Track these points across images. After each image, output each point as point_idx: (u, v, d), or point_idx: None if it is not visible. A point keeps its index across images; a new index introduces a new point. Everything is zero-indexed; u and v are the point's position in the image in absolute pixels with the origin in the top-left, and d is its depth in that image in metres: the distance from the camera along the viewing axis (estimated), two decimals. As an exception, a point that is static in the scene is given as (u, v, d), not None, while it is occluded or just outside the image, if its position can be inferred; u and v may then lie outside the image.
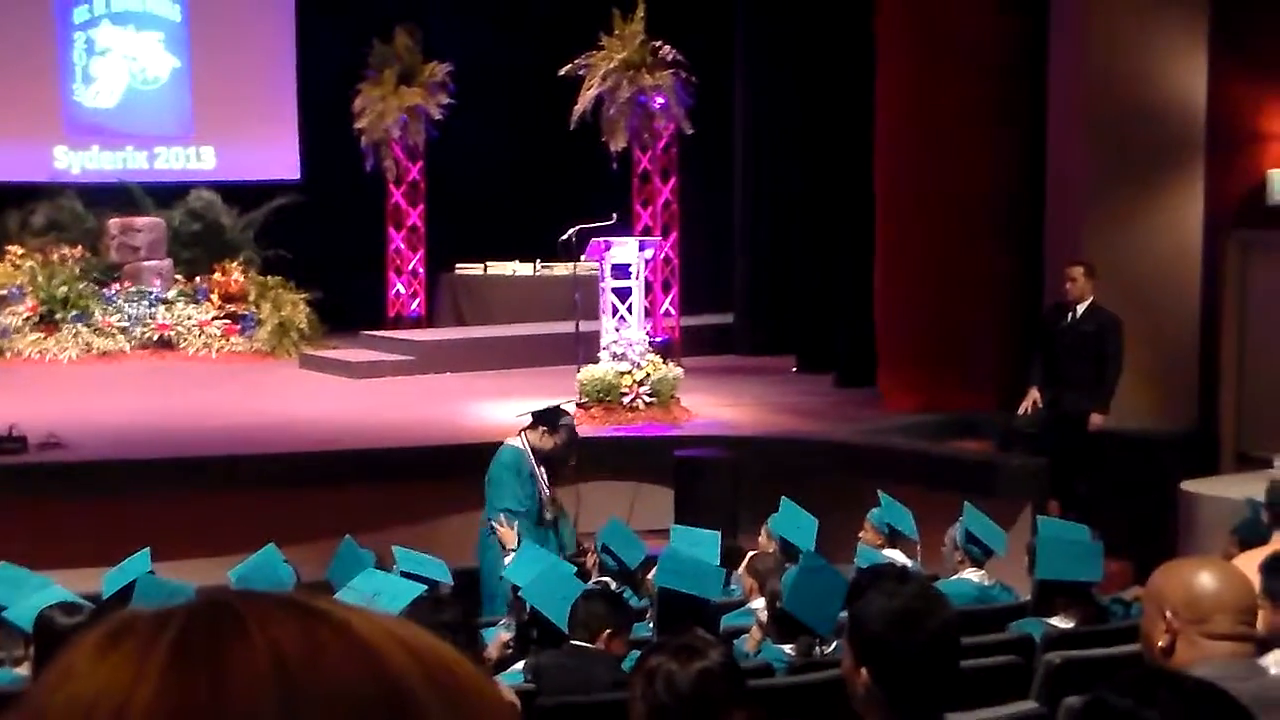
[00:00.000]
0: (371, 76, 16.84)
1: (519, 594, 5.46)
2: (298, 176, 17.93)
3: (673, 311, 15.69)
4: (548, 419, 9.24)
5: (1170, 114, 11.29)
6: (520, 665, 5.31)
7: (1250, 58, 10.84)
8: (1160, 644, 3.04)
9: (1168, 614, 3.03)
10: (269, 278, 16.66)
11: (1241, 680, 2.84)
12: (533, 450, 9.03)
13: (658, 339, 13.53)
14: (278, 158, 18.02)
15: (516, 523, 8.51)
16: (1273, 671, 3.17)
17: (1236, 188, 11.09)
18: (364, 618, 0.70)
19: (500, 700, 0.72)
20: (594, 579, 7.09)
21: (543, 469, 9.07)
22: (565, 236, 12.88)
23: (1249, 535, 6.20)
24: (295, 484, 10.36)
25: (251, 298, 16.37)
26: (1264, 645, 3.58)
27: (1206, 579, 3.06)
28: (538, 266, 17.33)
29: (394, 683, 0.67)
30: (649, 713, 3.00)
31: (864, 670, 2.82)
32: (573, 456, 9.44)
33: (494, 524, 8.54)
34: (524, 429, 9.21)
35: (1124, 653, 5.04)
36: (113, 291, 16.04)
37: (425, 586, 5.62)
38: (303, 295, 16.37)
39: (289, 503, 10.05)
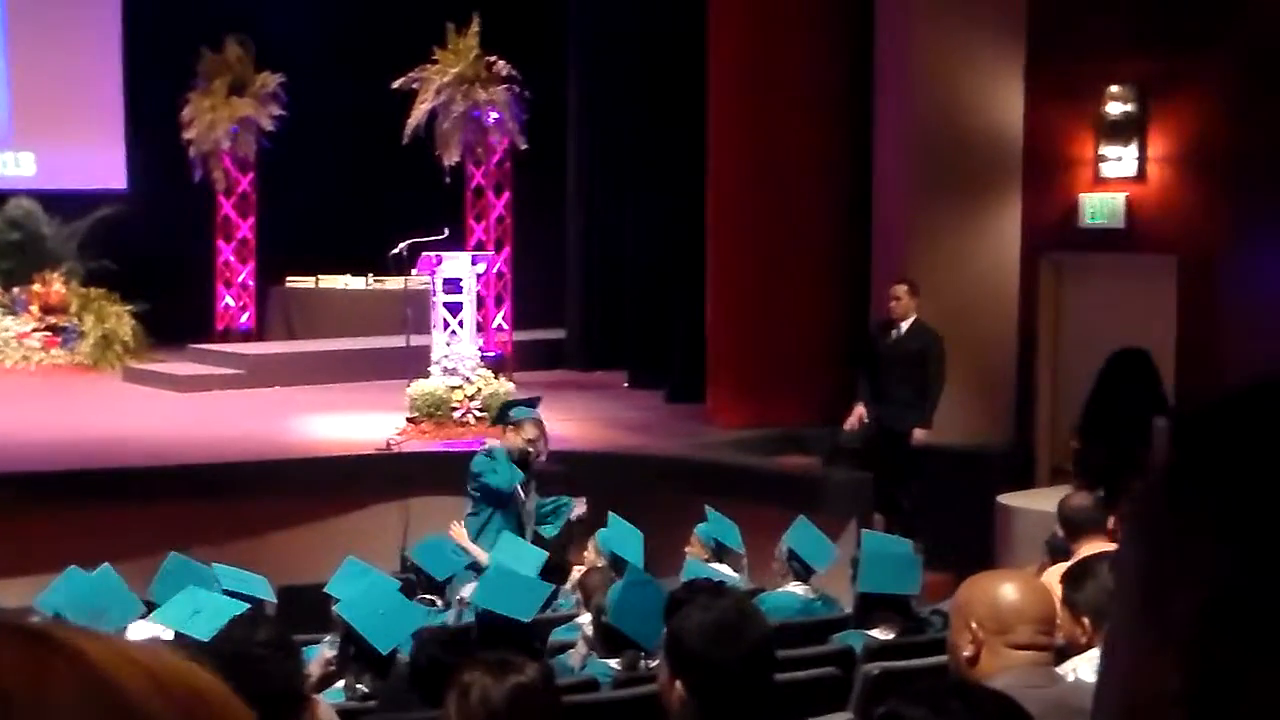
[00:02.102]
0: (201, 86, 16.57)
1: (337, 610, 5.42)
2: (124, 186, 17.53)
3: (505, 326, 15.69)
4: (500, 417, 9.42)
5: (989, 141, 11.64)
6: (342, 684, 5.27)
7: (1063, 87, 11.22)
8: (966, 654, 3.14)
9: (973, 625, 3.14)
10: (92, 289, 16.25)
11: (1041, 688, 2.95)
12: (510, 452, 9.21)
13: (489, 354, 13.52)
14: (103, 166, 17.59)
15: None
16: (1070, 679, 3.30)
17: (1051, 211, 11.46)
18: (103, 645, 0.67)
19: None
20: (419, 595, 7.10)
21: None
22: (397, 250, 12.81)
23: (1059, 547, 6.40)
24: (116, 500, 10.14)
25: (73, 309, 15.96)
26: (1062, 654, 3.72)
27: (1009, 591, 3.18)
28: (370, 280, 17.19)
29: (129, 711, 0.65)
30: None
31: (679, 683, 2.87)
32: (540, 445, 9.50)
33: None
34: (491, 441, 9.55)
35: (941, 663, 5.17)
36: (-74, 302, 15.55)
37: (247, 605, 5.55)
38: (127, 307, 16.00)
39: (109, 519, 9.82)
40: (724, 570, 7.51)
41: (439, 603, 7.20)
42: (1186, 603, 0.71)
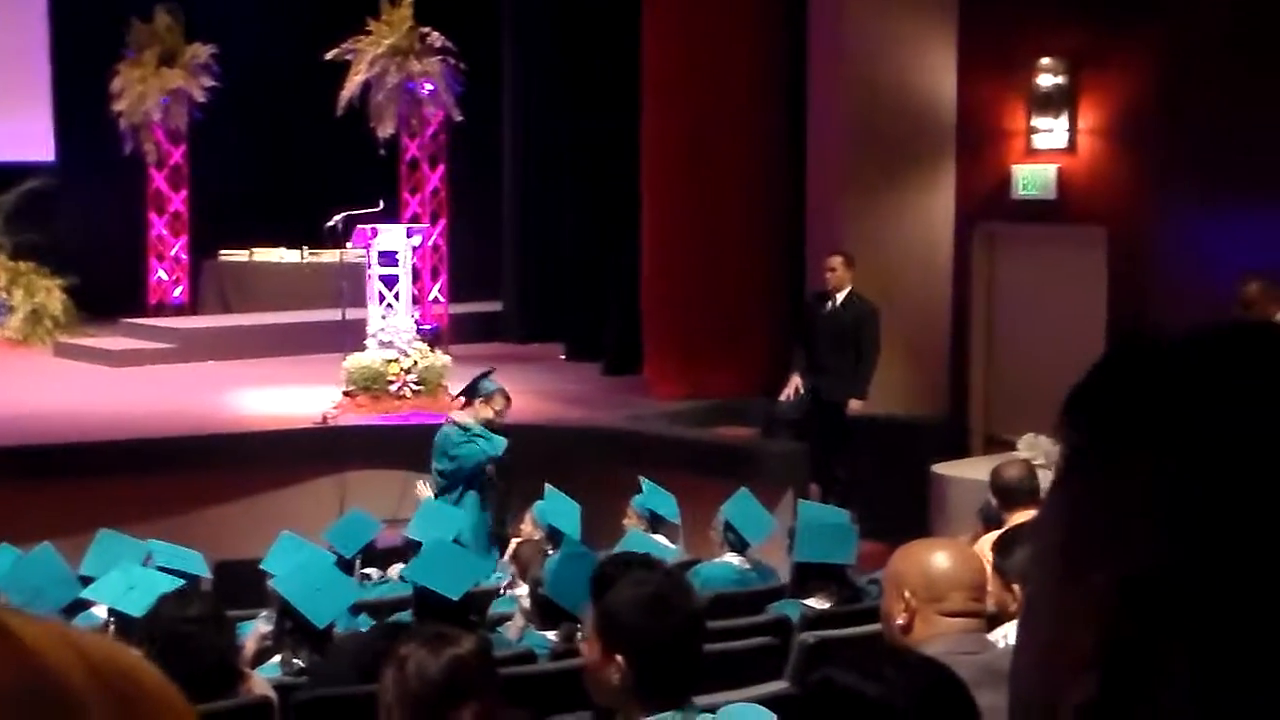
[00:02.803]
0: (130, 56, 16.34)
1: (272, 585, 5.40)
2: (52, 158, 17.30)
3: (441, 299, 15.63)
4: (470, 391, 9.48)
5: (923, 113, 11.70)
6: (278, 659, 5.26)
7: (995, 60, 11.29)
8: (899, 622, 3.17)
9: (906, 594, 3.17)
10: (20, 263, 16.01)
11: (972, 654, 2.99)
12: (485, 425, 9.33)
13: (426, 326, 13.47)
14: (29, 137, 17.31)
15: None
16: (1000, 645, 3.34)
17: (984, 182, 11.55)
18: (37, 627, 0.67)
19: (183, 707, 0.72)
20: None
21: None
22: (332, 223, 12.73)
23: (991, 515, 6.46)
24: (47, 476, 10.04)
25: (2, 284, 15.74)
26: (993, 620, 3.77)
27: (942, 559, 3.21)
28: (305, 253, 17.06)
29: (53, 681, 0.65)
30: (398, 700, 3.02)
31: (617, 658, 2.88)
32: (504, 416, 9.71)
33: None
34: (460, 409, 9.48)
35: (877, 631, 5.21)
36: None
37: (182, 581, 5.52)
38: (58, 282, 15.77)
39: (41, 496, 9.72)
40: (661, 541, 7.55)
41: (374, 574, 7.19)
42: (1106, 574, 0.72)
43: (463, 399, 9.65)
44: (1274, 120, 9.65)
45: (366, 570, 7.14)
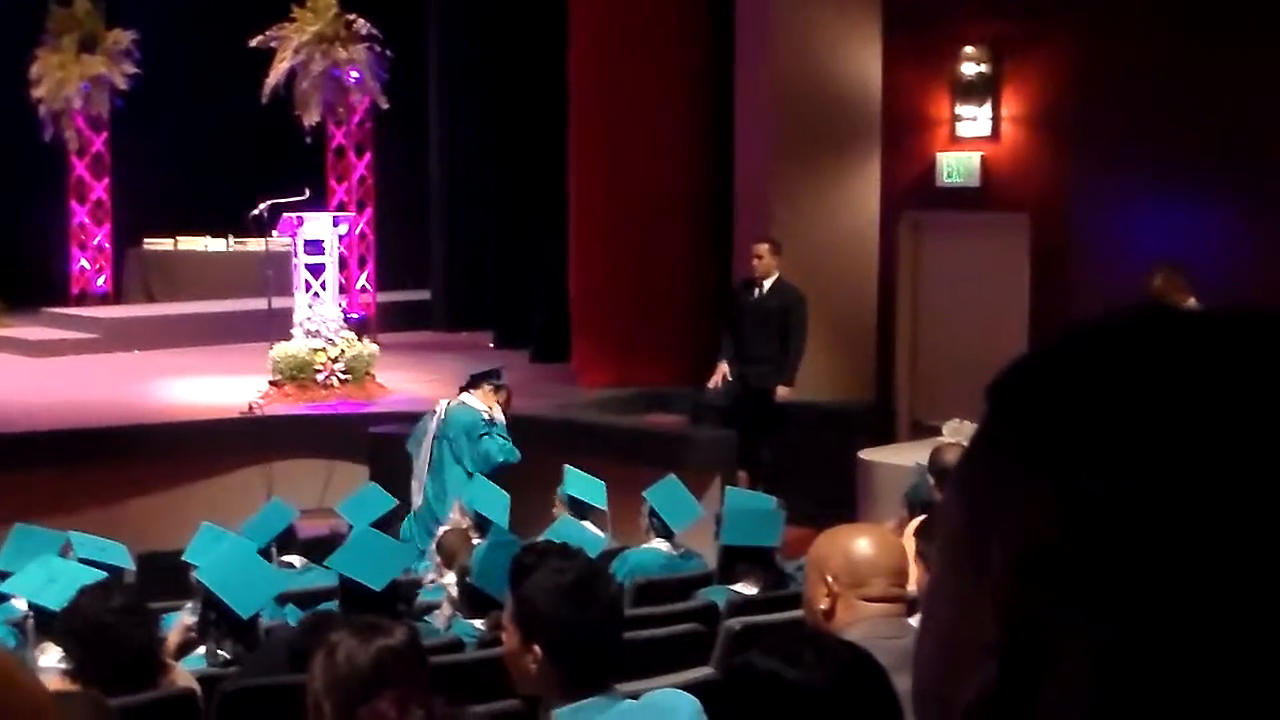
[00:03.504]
0: (49, 42, 16.10)
1: (196, 576, 5.36)
2: (-32, 146, 17.03)
3: (369, 287, 15.55)
4: (483, 376, 9.65)
5: (849, 100, 11.76)
6: (202, 650, 5.22)
7: (919, 49, 11.38)
8: (822, 607, 3.20)
9: (828, 579, 3.19)
10: (-62, 253, 15.81)
11: (893, 638, 3.01)
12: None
13: (353, 315, 13.42)
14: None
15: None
16: (922, 630, 3.37)
17: (909, 170, 11.63)
18: None
19: (37, 692, 0.72)
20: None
21: None
22: (257, 211, 12.62)
23: (916, 500, 6.52)
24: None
25: (-80, 275, 15.51)
26: (914, 606, 3.80)
27: (864, 545, 3.24)
28: (230, 242, 16.92)
29: None
30: (327, 688, 3.01)
31: (536, 648, 2.89)
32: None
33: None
34: (468, 392, 9.53)
35: (802, 617, 5.24)
36: None
37: (104, 573, 5.46)
38: (-24, 271, 15.58)
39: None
40: (590, 529, 7.56)
41: (297, 563, 7.15)
42: (1002, 552, 0.73)
43: (471, 384, 9.65)
44: (1188, 109, 9.78)
45: (288, 559, 7.09)
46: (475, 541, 6.77)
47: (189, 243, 17.25)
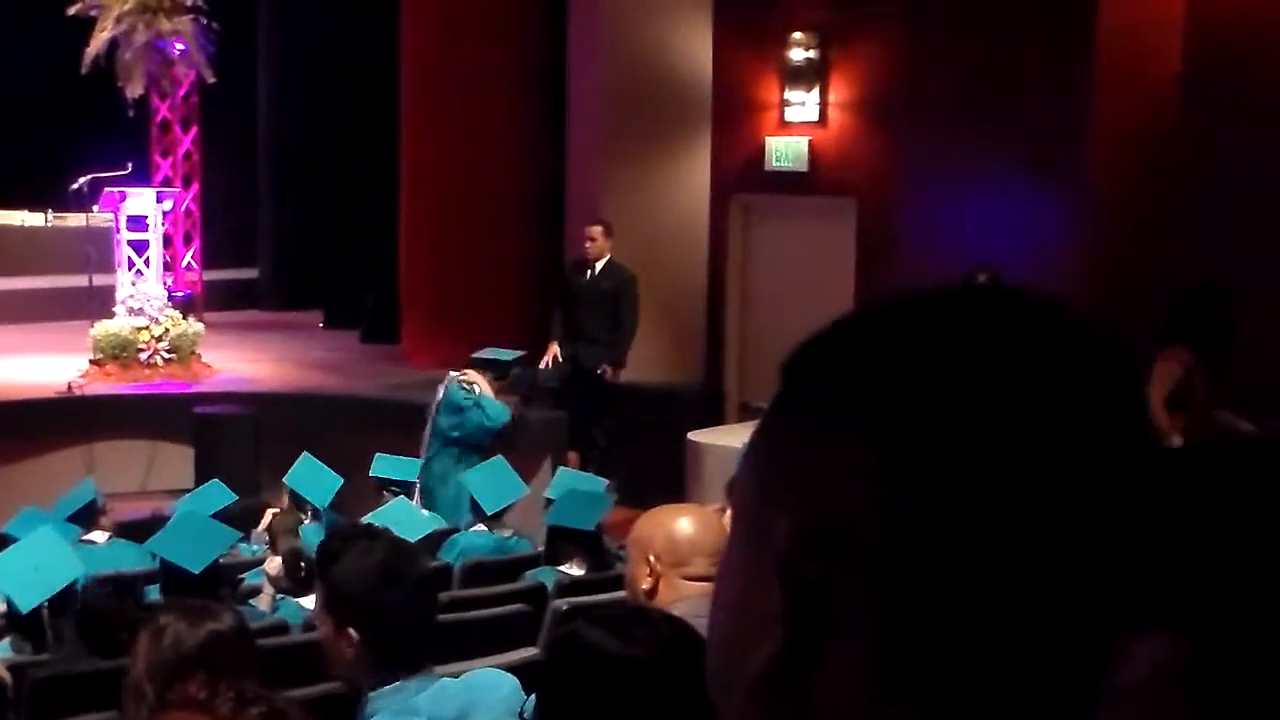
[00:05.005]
0: None
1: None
2: None
3: (194, 265, 15.23)
4: (490, 364, 9.56)
5: (681, 84, 11.84)
6: (8, 640, 5.09)
7: (749, 33, 11.49)
8: (644, 587, 3.23)
9: (651, 558, 3.23)
10: None
11: (713, 617, 3.07)
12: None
13: (178, 293, 13.14)
14: None
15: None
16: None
17: (739, 154, 11.75)
18: None
19: None
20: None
21: None
22: (77, 185, 12.30)
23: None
24: None
25: None
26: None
27: (686, 525, 3.28)
28: (49, 216, 16.43)
29: None
30: (150, 670, 2.97)
31: (350, 631, 2.89)
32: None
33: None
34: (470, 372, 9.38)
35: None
36: None
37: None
38: None
39: None
40: (421, 511, 7.54)
41: (99, 539, 7.01)
42: (787, 524, 0.76)
43: (471, 365, 9.52)
44: (1015, 97, 10.02)
45: (90, 537, 6.94)
46: (303, 522, 6.71)
47: (5, 217, 16.73)
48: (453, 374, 9.42)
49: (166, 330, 11.64)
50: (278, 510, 7.46)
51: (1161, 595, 0.81)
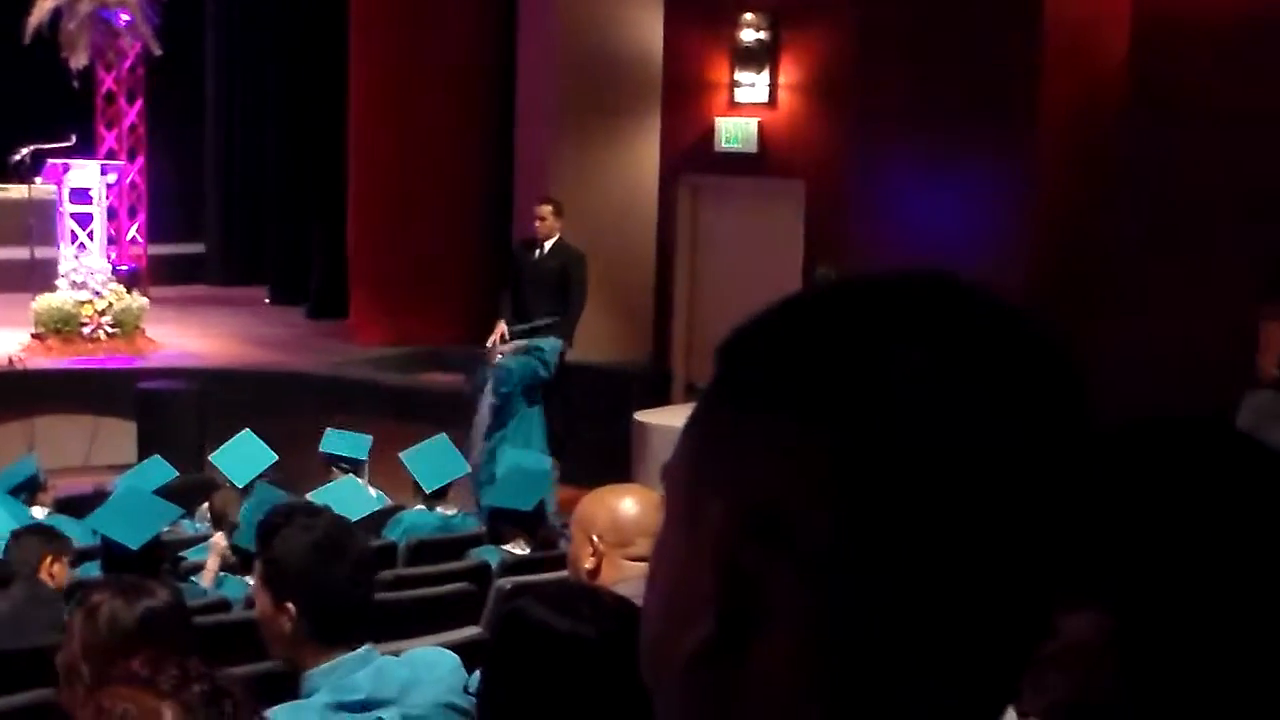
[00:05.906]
0: None
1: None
2: None
3: (139, 239, 15.08)
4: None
5: (631, 63, 11.82)
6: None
7: (700, 13, 11.48)
8: (587, 566, 3.23)
9: (594, 538, 3.23)
10: None
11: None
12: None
13: (122, 267, 13.03)
14: None
15: None
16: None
17: (688, 134, 11.74)
18: None
19: None
20: None
21: None
22: (19, 157, 12.17)
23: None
24: None
25: None
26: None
27: (629, 505, 3.28)
28: (-10, 188, 16.22)
29: None
30: (86, 648, 2.95)
31: (289, 606, 2.88)
32: None
33: None
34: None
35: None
36: None
37: None
38: None
39: None
40: (367, 489, 7.52)
41: (39, 513, 6.97)
42: (721, 507, 0.76)
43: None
44: (965, 80, 10.06)
45: (31, 511, 6.90)
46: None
47: (-55, 188, 16.51)
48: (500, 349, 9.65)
49: (110, 304, 11.54)
50: (223, 486, 7.42)
51: (1089, 572, 0.82)
